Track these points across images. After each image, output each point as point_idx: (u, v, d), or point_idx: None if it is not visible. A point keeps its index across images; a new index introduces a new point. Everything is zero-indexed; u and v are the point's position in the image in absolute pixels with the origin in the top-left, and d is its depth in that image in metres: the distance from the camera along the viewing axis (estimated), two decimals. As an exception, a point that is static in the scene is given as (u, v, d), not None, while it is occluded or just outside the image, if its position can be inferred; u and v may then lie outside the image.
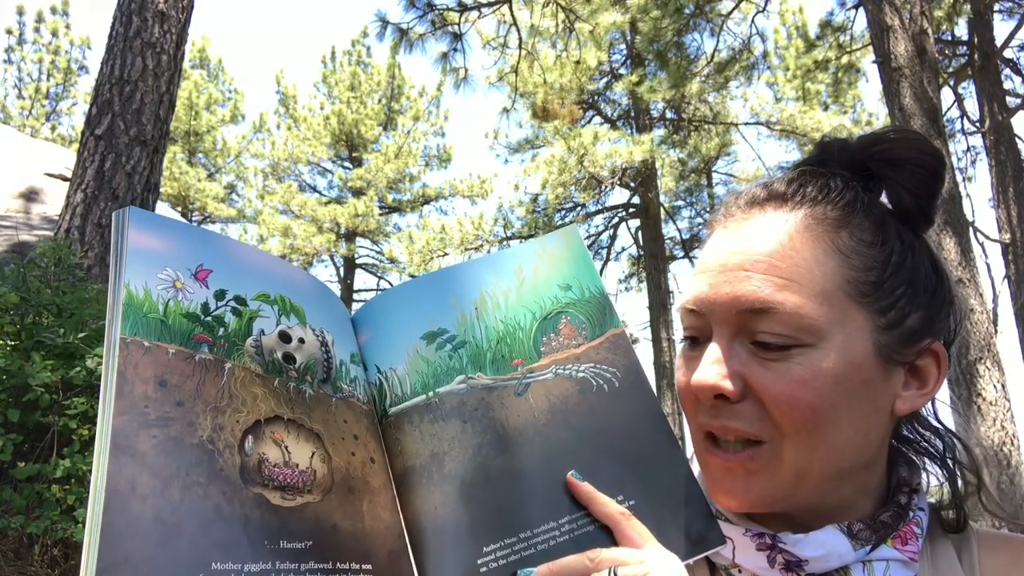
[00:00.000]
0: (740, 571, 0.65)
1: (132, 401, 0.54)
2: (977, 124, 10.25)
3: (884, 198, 0.67)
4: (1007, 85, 10.38)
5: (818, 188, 0.64)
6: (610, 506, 0.64)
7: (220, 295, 0.64)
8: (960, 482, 0.67)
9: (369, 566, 0.61)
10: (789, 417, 0.58)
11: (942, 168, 0.64)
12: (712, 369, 0.60)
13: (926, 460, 0.69)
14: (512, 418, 0.71)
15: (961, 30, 10.44)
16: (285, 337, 0.67)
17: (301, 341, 0.68)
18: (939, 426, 0.69)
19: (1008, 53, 10.11)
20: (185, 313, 0.61)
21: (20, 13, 18.67)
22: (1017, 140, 9.69)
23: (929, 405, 0.67)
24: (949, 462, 0.68)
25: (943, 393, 0.67)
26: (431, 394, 0.72)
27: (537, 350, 0.75)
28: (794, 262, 0.60)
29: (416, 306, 0.77)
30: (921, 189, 0.64)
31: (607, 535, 0.64)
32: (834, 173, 0.66)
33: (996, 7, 10.07)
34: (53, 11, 19.08)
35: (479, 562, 0.62)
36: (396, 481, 0.68)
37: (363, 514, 0.63)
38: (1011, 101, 10.08)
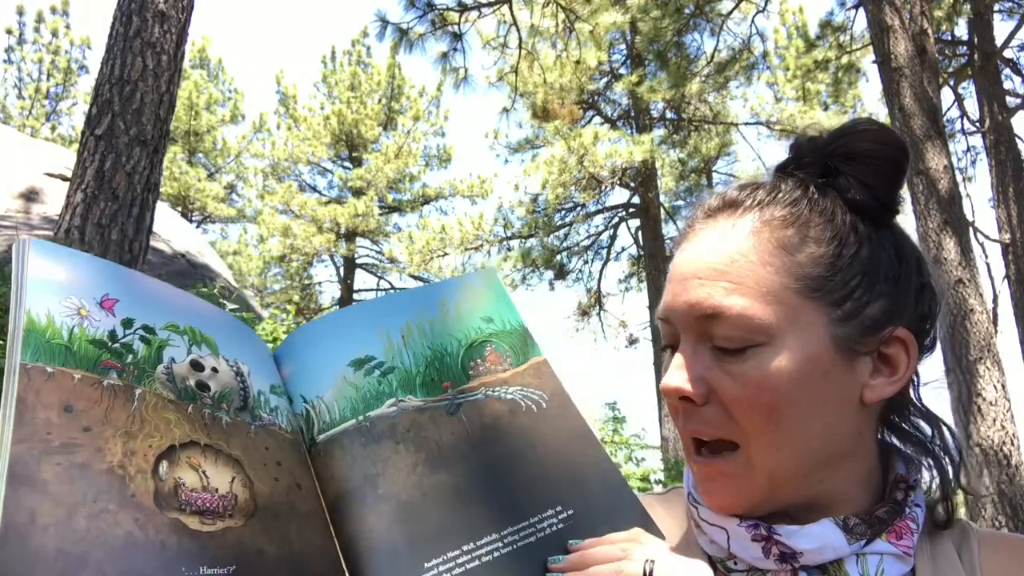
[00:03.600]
0: (736, 562, 0.65)
1: (33, 428, 0.52)
2: (977, 124, 10.22)
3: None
4: (1007, 85, 10.37)
5: (767, 191, 0.66)
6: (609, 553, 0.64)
7: (127, 323, 0.63)
8: (949, 471, 0.68)
9: None
10: (749, 418, 0.60)
11: (903, 158, 0.65)
12: (676, 375, 0.62)
13: (922, 458, 0.69)
14: (446, 436, 0.71)
15: (961, 30, 10.44)
16: (197, 365, 0.66)
17: (214, 370, 0.67)
18: (923, 408, 0.69)
19: (1008, 53, 10.09)
20: (91, 340, 0.59)
21: (20, 13, 18.71)
22: (1017, 140, 9.66)
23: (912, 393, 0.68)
24: (935, 448, 0.68)
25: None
26: (361, 418, 0.71)
27: (466, 373, 0.77)
28: (740, 265, 0.61)
29: (342, 336, 0.77)
30: (878, 180, 0.64)
31: (548, 549, 0.67)
32: (792, 174, 0.67)
33: (996, 7, 10.05)
34: (53, 11, 19.12)
35: None
36: (329, 508, 0.67)
37: (291, 539, 0.61)
38: (1011, 101, 10.06)
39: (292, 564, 0.60)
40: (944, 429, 0.69)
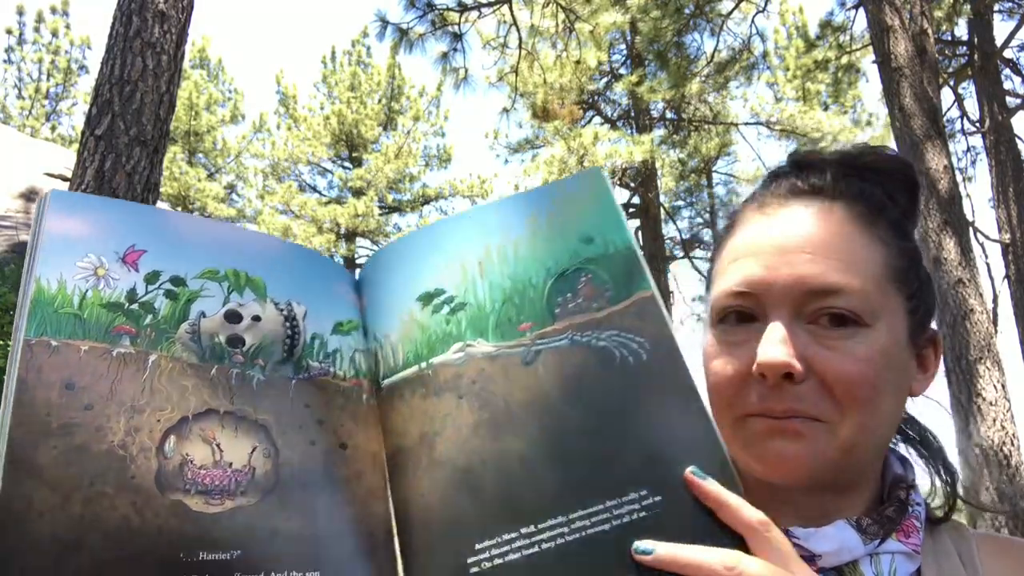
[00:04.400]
0: None
1: (32, 410, 0.50)
2: (977, 124, 10.25)
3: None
4: (1007, 85, 10.39)
5: (852, 186, 0.68)
6: (744, 512, 0.54)
7: (152, 278, 0.59)
8: (942, 469, 0.72)
9: (317, 573, 0.55)
10: (852, 395, 0.60)
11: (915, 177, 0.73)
12: (781, 348, 0.60)
13: (917, 457, 0.73)
14: (517, 392, 0.61)
15: (961, 30, 10.46)
16: (233, 317, 0.61)
17: (255, 319, 0.62)
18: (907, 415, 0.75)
19: (1008, 53, 10.11)
20: (105, 303, 0.56)
21: (20, 13, 18.68)
22: (1017, 140, 9.68)
23: None
24: (932, 447, 0.73)
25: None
26: (424, 365, 0.64)
27: (551, 312, 0.64)
28: (850, 248, 0.63)
29: (414, 263, 0.68)
30: (905, 194, 0.71)
31: (622, 541, 0.55)
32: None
33: (996, 7, 10.07)
34: (53, 11, 19.07)
35: (470, 560, 0.55)
36: (388, 463, 0.62)
37: (316, 513, 0.58)
38: (1011, 101, 10.08)
39: (311, 542, 0.56)
40: (926, 430, 0.74)
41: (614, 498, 0.57)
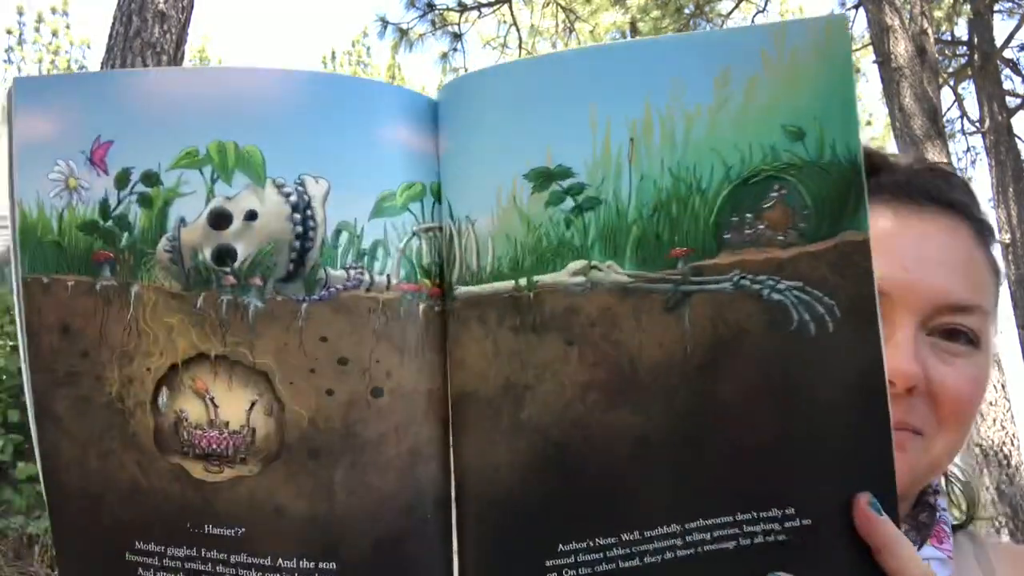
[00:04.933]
0: None
1: (42, 357, 0.47)
2: (977, 124, 10.30)
3: None
4: (1007, 85, 10.49)
5: (976, 208, 0.67)
6: (912, 570, 0.43)
7: (123, 179, 0.46)
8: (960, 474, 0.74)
9: (333, 564, 0.43)
10: (957, 414, 0.60)
11: None
12: (914, 361, 0.58)
13: None
14: (650, 348, 0.43)
15: (961, 30, 10.53)
16: (218, 220, 0.45)
17: (251, 217, 0.45)
18: None
19: (1008, 53, 10.20)
20: (80, 223, 0.47)
21: (20, 13, 18.70)
22: (1017, 140, 9.75)
23: None
24: None
25: None
26: (523, 282, 0.44)
27: (717, 237, 0.44)
28: (978, 269, 0.64)
29: (531, 111, 0.45)
30: None
31: (762, 564, 0.42)
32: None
33: (996, 7, 10.13)
34: (53, 11, 18.95)
35: (549, 564, 0.43)
36: (453, 411, 0.46)
37: (333, 488, 0.44)
38: (1011, 101, 10.16)
39: (325, 525, 0.43)
40: None
41: (749, 511, 0.43)
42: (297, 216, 0.45)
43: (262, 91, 0.46)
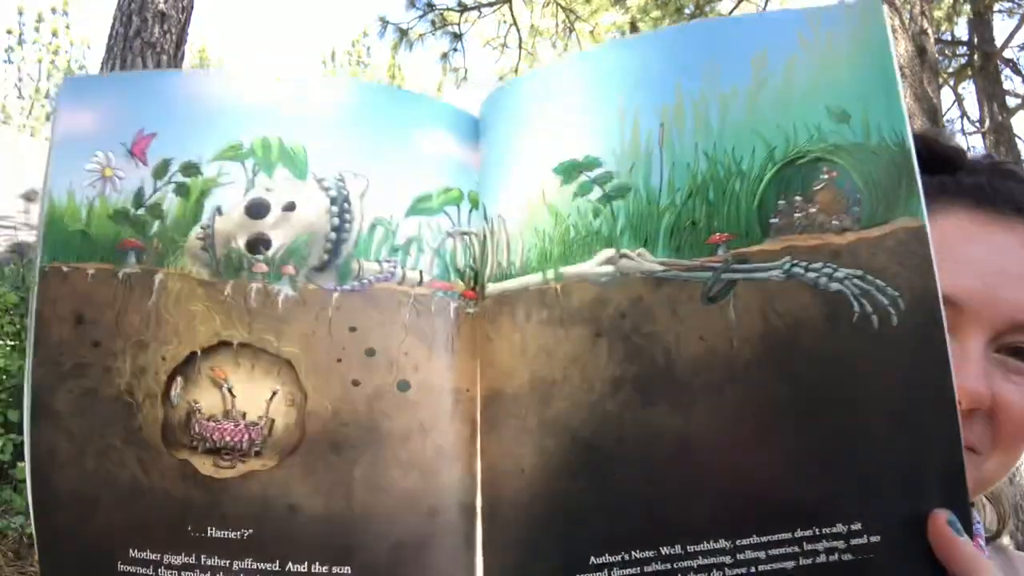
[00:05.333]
0: None
1: (49, 349, 0.46)
2: (977, 124, 10.31)
3: None
4: (1007, 85, 10.51)
5: None
6: None
7: (161, 170, 0.47)
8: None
9: (347, 569, 0.41)
10: (1015, 435, 0.57)
11: None
12: (982, 381, 0.54)
13: None
14: (689, 343, 0.40)
15: (961, 30, 10.51)
16: (257, 209, 0.46)
17: (289, 208, 0.46)
18: None
19: (1008, 53, 10.23)
20: (112, 212, 0.47)
21: (20, 13, 18.53)
22: (1017, 140, 9.77)
23: None
24: None
25: None
26: (550, 274, 0.43)
27: (763, 221, 0.41)
28: None
29: (561, 110, 0.45)
30: None
31: None
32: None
33: (996, 7, 10.18)
34: (53, 11, 18.89)
35: None
36: (483, 411, 0.44)
37: (352, 486, 0.42)
38: (1011, 101, 10.20)
39: (341, 526, 0.41)
40: None
41: (810, 527, 0.39)
42: (335, 209, 0.45)
43: (310, 95, 0.48)
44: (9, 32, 18.68)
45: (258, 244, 0.45)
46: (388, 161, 0.46)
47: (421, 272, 0.45)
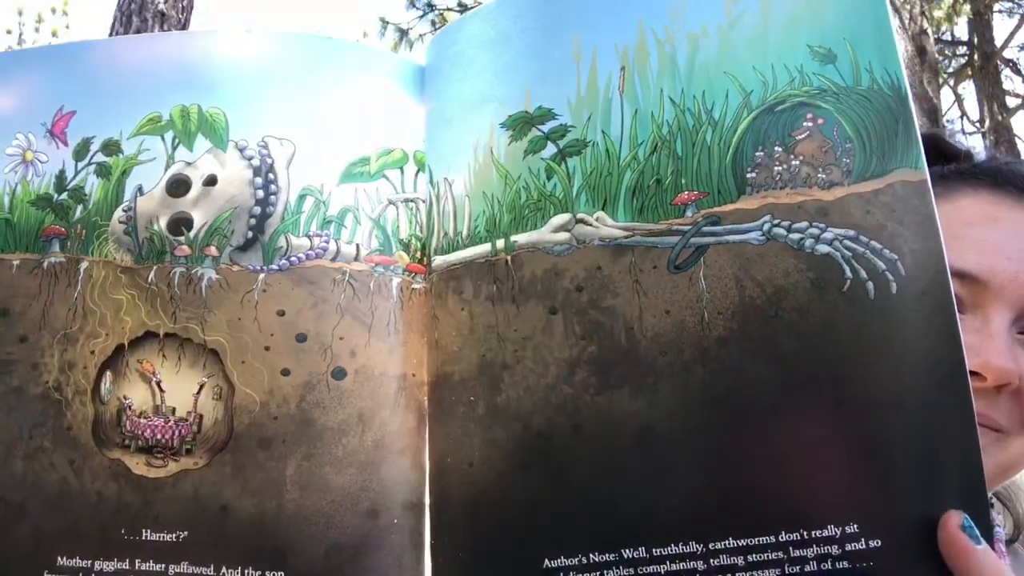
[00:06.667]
0: None
1: None
2: (977, 124, 10.29)
3: None
4: (1007, 85, 10.49)
5: None
6: None
7: (82, 150, 0.45)
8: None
9: (281, 574, 0.38)
10: None
11: None
12: (1009, 356, 0.52)
13: None
14: (653, 317, 0.36)
15: (961, 30, 10.50)
16: (177, 185, 0.43)
17: (210, 183, 0.42)
18: None
19: (1008, 53, 10.22)
20: (34, 199, 0.45)
21: (20, 13, 18.68)
22: (1017, 140, 9.76)
23: None
24: None
25: None
26: (500, 244, 0.39)
27: (738, 176, 0.37)
28: None
29: (510, 52, 0.40)
30: None
31: None
32: None
33: (996, 7, 10.21)
34: (53, 11, 19.07)
35: None
36: (430, 398, 0.40)
37: (283, 485, 0.38)
38: (1011, 101, 10.20)
39: (272, 527, 0.38)
40: None
41: (796, 529, 0.34)
42: (259, 180, 0.41)
43: (226, 53, 0.44)
44: (9, 32, 18.93)
45: (179, 224, 0.42)
46: (317, 122, 0.42)
47: (358, 246, 0.41)
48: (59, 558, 0.40)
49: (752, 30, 0.37)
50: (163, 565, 0.39)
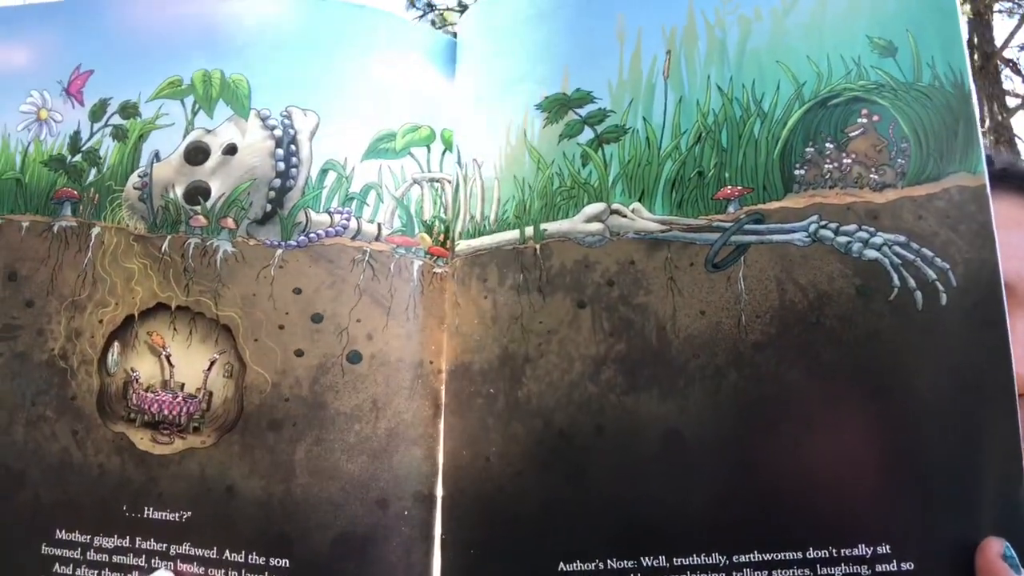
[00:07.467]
0: None
1: None
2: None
3: None
4: (1007, 85, 10.44)
5: None
6: None
7: (98, 110, 0.43)
8: None
9: (285, 562, 0.36)
10: None
11: None
12: None
13: None
14: (688, 317, 0.35)
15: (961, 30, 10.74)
16: (195, 152, 0.41)
17: (230, 152, 0.41)
18: None
19: (1008, 53, 10.17)
20: (46, 159, 0.43)
21: None
22: (1017, 140, 9.71)
23: None
24: None
25: None
26: (529, 231, 0.37)
27: (785, 173, 0.35)
28: None
29: (548, 30, 0.38)
30: None
31: None
32: None
33: (996, 7, 10.14)
34: None
35: None
36: (447, 387, 0.39)
37: (292, 469, 0.37)
38: (1011, 101, 10.15)
39: (279, 513, 0.37)
40: None
41: (825, 546, 0.32)
42: (280, 152, 0.40)
43: (252, 17, 0.42)
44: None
45: (196, 193, 0.40)
46: (343, 94, 0.40)
47: (379, 225, 0.39)
48: (58, 531, 0.39)
49: (808, 16, 0.35)
50: (165, 544, 0.38)
